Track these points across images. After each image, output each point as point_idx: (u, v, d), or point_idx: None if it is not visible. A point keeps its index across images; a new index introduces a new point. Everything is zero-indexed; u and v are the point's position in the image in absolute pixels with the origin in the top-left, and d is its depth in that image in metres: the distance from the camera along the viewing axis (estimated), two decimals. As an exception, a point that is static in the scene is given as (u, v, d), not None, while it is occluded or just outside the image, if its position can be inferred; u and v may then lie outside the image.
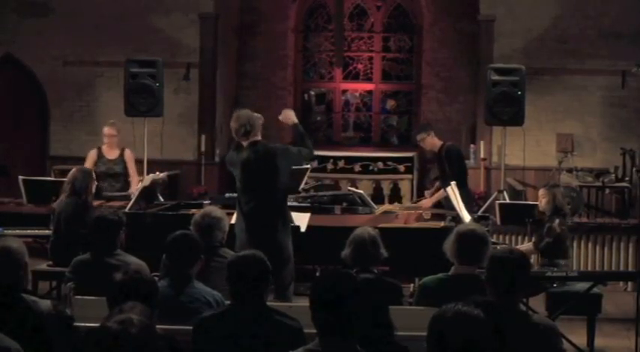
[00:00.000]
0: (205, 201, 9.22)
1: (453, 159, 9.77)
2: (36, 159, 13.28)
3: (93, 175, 8.42)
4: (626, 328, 7.64)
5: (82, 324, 4.50)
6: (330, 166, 12.93)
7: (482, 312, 3.20)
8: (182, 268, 5.20)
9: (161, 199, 9.46)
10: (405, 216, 8.70)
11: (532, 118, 11.71)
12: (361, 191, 9.66)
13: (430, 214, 8.91)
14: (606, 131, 12.48)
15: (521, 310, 4.40)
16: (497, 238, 9.10)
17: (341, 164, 12.97)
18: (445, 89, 13.87)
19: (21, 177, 9.70)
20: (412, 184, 12.75)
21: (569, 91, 12.57)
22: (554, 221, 7.75)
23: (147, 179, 9.17)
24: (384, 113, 14.65)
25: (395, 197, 12.67)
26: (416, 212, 8.95)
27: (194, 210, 7.99)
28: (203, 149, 12.83)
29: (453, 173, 9.41)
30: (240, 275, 4.44)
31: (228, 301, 4.77)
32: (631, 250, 9.29)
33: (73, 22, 13.03)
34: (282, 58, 14.24)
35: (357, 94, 14.72)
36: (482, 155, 12.41)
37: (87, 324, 4.47)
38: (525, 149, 11.88)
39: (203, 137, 12.86)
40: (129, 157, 10.15)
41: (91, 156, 10.07)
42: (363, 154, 13.29)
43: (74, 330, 4.39)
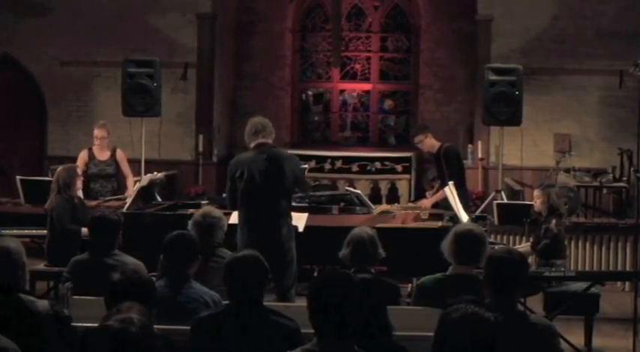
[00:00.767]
0: (203, 201, 9.22)
1: (452, 159, 9.75)
2: (34, 159, 13.26)
3: (77, 171, 8.51)
4: (623, 328, 7.64)
5: (80, 324, 4.50)
6: (328, 166, 12.92)
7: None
8: (180, 268, 5.19)
9: (159, 199, 9.46)
10: (403, 216, 8.70)
11: (530, 118, 11.71)
12: (359, 191, 9.67)
13: (428, 214, 8.91)
14: (604, 131, 12.47)
15: (519, 310, 4.40)
16: (495, 238, 9.10)
17: (339, 164, 12.96)
18: (443, 89, 13.86)
19: (19, 177, 9.70)
20: (410, 184, 12.74)
21: (566, 91, 12.56)
22: (550, 222, 7.74)
23: (144, 179, 9.17)
24: (382, 113, 14.64)
25: (393, 197, 12.66)
26: (413, 212, 8.95)
27: (192, 210, 7.99)
28: (201, 149, 12.81)
29: (452, 173, 9.41)
30: (237, 275, 4.44)
31: (225, 301, 4.77)
32: (629, 250, 9.29)
33: (71, 22, 13.01)
34: (279, 58, 14.23)
35: (355, 94, 14.71)
36: (479, 155, 12.41)
37: (84, 324, 4.47)
38: (523, 149, 11.89)
39: (201, 137, 12.85)
40: (121, 158, 10.09)
41: (82, 157, 9.99)
42: (361, 154, 13.27)
43: (72, 330, 4.39)
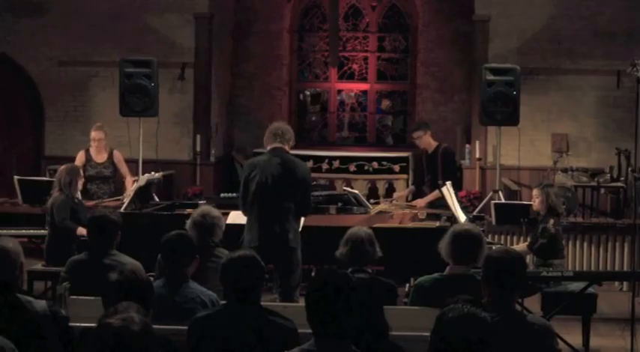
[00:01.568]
0: (201, 201, 9.22)
1: (449, 161, 9.80)
2: (31, 159, 13.26)
3: (79, 172, 8.54)
4: (621, 328, 7.63)
5: (77, 324, 4.50)
6: (325, 166, 12.91)
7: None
8: (177, 268, 5.18)
9: (156, 199, 9.46)
10: (400, 216, 8.71)
11: (527, 118, 11.71)
12: (356, 191, 9.67)
13: (425, 214, 8.92)
14: (601, 131, 12.48)
15: (516, 310, 4.40)
16: (492, 238, 9.11)
17: (336, 164, 12.95)
18: (440, 89, 13.87)
19: (16, 177, 9.70)
20: (407, 184, 12.72)
21: (564, 91, 12.57)
22: (548, 221, 7.74)
23: (142, 179, 9.17)
24: (379, 113, 14.65)
25: (390, 197, 12.64)
26: (411, 212, 8.96)
27: (189, 210, 7.99)
28: (198, 149, 12.80)
29: (445, 175, 9.40)
30: (234, 275, 4.44)
31: (223, 301, 4.78)
32: (626, 250, 9.30)
33: (68, 22, 13.00)
34: (277, 58, 14.23)
35: (352, 94, 14.72)
36: (477, 155, 12.40)
37: (82, 324, 4.47)
38: (520, 149, 11.89)
39: (198, 137, 12.84)
40: (118, 159, 10.11)
41: (79, 158, 9.99)
42: (358, 154, 13.27)
43: (69, 330, 4.39)
